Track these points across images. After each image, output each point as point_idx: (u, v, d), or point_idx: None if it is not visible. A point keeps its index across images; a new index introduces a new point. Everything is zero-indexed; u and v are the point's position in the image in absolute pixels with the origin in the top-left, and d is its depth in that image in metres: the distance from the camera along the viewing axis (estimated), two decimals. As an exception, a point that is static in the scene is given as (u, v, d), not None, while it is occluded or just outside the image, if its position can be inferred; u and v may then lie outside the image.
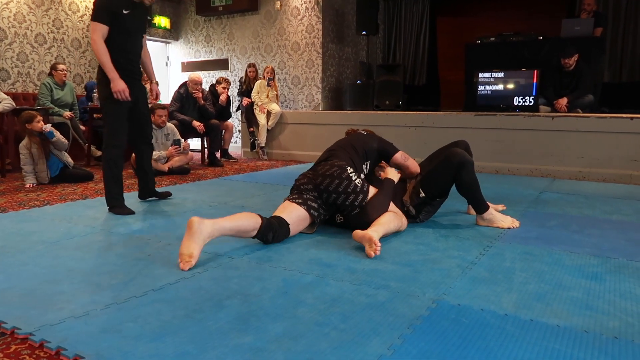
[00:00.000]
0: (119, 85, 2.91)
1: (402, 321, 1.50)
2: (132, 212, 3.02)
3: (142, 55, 3.20)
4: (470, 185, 2.59)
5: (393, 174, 2.65)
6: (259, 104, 6.26)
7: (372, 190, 2.49)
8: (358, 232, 2.24)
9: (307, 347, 1.34)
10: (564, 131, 4.64)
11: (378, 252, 2.14)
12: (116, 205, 3.05)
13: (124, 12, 2.93)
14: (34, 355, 1.32)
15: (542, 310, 1.59)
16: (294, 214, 2.39)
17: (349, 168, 2.47)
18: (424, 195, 2.65)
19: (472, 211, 2.82)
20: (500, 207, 3.02)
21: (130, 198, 3.49)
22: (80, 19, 6.58)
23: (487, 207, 2.68)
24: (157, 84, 3.43)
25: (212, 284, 1.81)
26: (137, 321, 1.49)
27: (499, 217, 2.69)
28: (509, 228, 2.64)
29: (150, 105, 4.96)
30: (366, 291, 1.75)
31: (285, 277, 1.90)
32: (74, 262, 2.06)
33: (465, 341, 1.38)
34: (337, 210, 2.56)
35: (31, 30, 6.04)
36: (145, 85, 3.49)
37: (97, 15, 2.89)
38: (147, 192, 3.43)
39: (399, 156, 2.76)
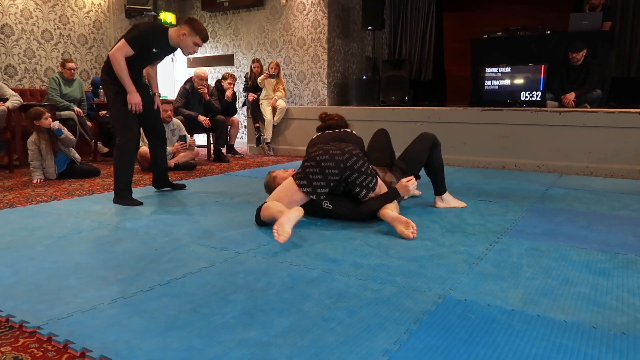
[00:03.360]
0: (135, 99, 3.12)
1: (408, 316, 1.50)
2: (140, 203, 3.13)
3: (149, 69, 3.46)
4: (440, 164, 2.97)
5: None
6: (265, 97, 6.27)
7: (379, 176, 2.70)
8: (389, 213, 2.45)
9: (313, 341, 1.34)
10: (571, 126, 4.60)
11: (415, 235, 2.33)
12: (121, 197, 3.17)
13: (154, 50, 3.18)
14: (42, 349, 1.33)
15: (549, 306, 1.58)
16: (293, 205, 2.42)
17: (360, 153, 2.65)
18: (406, 166, 2.95)
19: (439, 202, 3.05)
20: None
21: (139, 193, 3.51)
22: (86, 15, 6.59)
23: (446, 190, 3.06)
24: (159, 95, 3.60)
25: (218, 279, 1.82)
26: (144, 316, 1.50)
27: (454, 199, 3.08)
28: (463, 207, 3.01)
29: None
30: (372, 286, 1.75)
31: (291, 272, 1.90)
32: (81, 257, 2.08)
33: (472, 336, 1.38)
34: (347, 192, 2.62)
35: (38, 27, 6.06)
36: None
37: (131, 39, 3.07)
38: (161, 182, 3.61)
39: None
